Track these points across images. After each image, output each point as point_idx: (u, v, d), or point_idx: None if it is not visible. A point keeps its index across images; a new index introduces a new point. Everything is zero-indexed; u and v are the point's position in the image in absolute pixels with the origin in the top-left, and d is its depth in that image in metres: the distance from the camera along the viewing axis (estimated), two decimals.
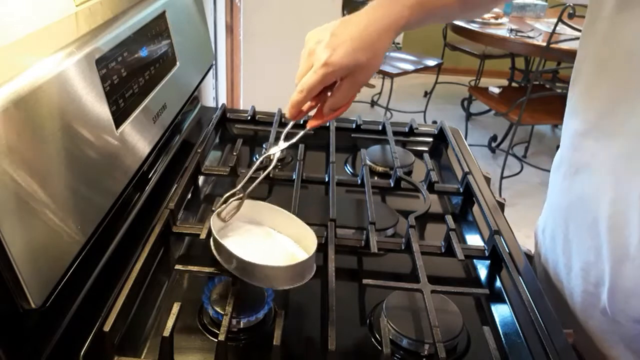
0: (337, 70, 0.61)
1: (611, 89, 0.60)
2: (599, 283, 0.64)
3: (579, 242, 0.66)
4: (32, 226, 0.47)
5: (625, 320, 0.62)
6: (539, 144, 3.32)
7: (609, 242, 0.61)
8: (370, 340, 0.59)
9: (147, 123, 0.73)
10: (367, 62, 0.62)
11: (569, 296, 0.70)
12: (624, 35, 0.57)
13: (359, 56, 0.61)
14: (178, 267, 0.67)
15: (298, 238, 0.63)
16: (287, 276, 0.55)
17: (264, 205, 0.65)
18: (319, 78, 0.62)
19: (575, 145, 0.67)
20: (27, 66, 0.50)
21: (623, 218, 0.59)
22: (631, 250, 0.58)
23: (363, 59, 0.61)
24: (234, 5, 1.95)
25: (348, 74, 0.63)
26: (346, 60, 0.61)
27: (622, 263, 0.60)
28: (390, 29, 0.63)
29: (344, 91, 0.64)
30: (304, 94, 0.63)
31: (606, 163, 0.61)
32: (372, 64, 0.63)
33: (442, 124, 1.04)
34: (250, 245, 0.61)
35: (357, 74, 0.63)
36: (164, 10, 0.81)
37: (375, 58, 0.63)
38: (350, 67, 0.62)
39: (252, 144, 0.99)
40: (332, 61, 0.61)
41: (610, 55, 0.60)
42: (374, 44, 0.62)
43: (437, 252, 0.70)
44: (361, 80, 0.64)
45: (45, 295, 0.48)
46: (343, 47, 0.61)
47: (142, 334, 0.57)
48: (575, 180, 0.67)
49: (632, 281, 0.59)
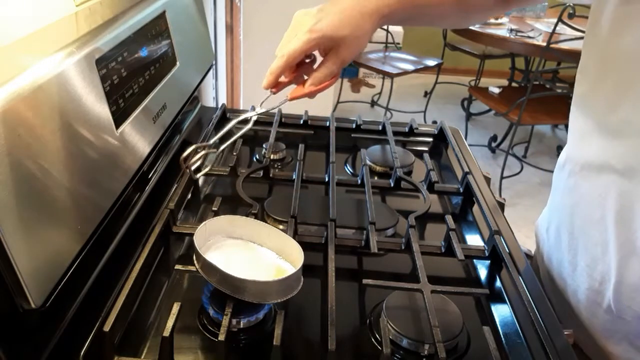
0: (320, 37, 0.64)
1: (615, 86, 0.60)
2: (604, 280, 0.64)
3: (585, 239, 0.67)
4: (32, 226, 0.47)
5: (630, 316, 0.62)
6: (539, 144, 3.32)
7: (616, 237, 0.61)
8: (370, 340, 0.59)
9: (147, 123, 0.73)
10: (350, 37, 0.64)
11: (573, 294, 0.70)
12: (627, 33, 0.58)
13: (343, 29, 0.64)
14: (178, 267, 0.67)
15: (281, 250, 0.63)
16: (278, 290, 0.56)
17: (244, 220, 0.65)
18: (300, 43, 0.64)
19: (580, 144, 0.68)
20: (27, 66, 0.50)
21: (630, 213, 0.59)
22: (638, 244, 0.59)
23: (346, 32, 0.64)
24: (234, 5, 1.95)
25: (332, 47, 0.65)
26: (330, 30, 0.64)
27: (628, 258, 0.60)
28: (375, 13, 0.66)
29: (328, 66, 0.66)
30: (284, 58, 0.65)
31: (612, 160, 0.61)
32: (356, 43, 0.65)
33: (442, 124, 1.04)
34: (235, 260, 0.61)
35: (341, 49, 0.65)
36: (164, 10, 0.81)
37: (358, 37, 0.65)
38: (334, 39, 0.64)
39: (252, 144, 0.99)
40: (316, 28, 0.64)
41: (614, 54, 0.60)
42: (358, 23, 0.65)
43: (437, 252, 0.70)
44: (344, 57, 0.66)
45: (45, 295, 0.48)
46: (327, 18, 0.64)
47: (142, 334, 0.57)
48: (581, 177, 0.67)
49: (638, 276, 0.60)
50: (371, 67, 3.10)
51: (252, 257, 0.63)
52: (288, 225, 0.70)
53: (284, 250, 0.63)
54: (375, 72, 3.32)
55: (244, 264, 0.61)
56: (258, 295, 0.55)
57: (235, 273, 0.54)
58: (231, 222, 0.65)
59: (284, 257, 0.63)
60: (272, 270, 0.61)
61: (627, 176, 0.59)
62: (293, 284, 0.57)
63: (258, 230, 0.65)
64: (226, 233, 0.64)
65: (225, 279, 0.55)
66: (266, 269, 0.61)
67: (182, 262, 0.68)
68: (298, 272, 0.57)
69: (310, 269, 0.62)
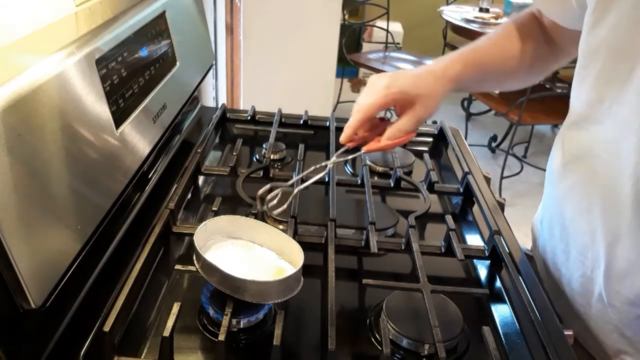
0: (397, 92, 0.67)
1: (597, 79, 0.63)
2: (595, 266, 0.66)
3: (575, 228, 0.69)
4: (32, 226, 0.47)
5: (620, 302, 0.64)
6: (539, 144, 3.32)
7: (602, 224, 0.63)
8: (370, 340, 0.59)
9: (147, 123, 0.73)
10: (424, 95, 0.68)
11: (567, 283, 0.72)
12: (606, 23, 0.60)
13: (418, 88, 0.68)
14: (178, 267, 0.67)
15: (281, 250, 0.63)
16: (278, 290, 0.56)
17: (244, 220, 0.66)
18: (378, 97, 0.67)
19: (568, 136, 0.70)
20: (27, 66, 0.50)
21: (615, 200, 0.61)
22: (623, 231, 0.61)
23: (421, 91, 0.68)
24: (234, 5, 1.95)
25: (407, 104, 0.68)
26: (406, 87, 0.67)
27: (615, 244, 0.62)
28: (442, 76, 0.71)
29: (404, 122, 0.69)
30: (362, 112, 0.68)
31: (596, 149, 0.63)
32: (431, 101, 0.69)
33: (442, 124, 1.04)
34: (235, 260, 0.61)
35: (417, 106, 0.68)
36: (164, 10, 0.81)
37: (432, 96, 0.69)
38: (410, 95, 0.67)
39: (252, 144, 0.99)
40: (392, 84, 0.67)
41: (594, 48, 0.62)
42: (431, 83, 0.69)
43: (437, 252, 0.70)
44: (420, 114, 0.68)
45: (45, 295, 0.48)
46: (403, 78, 0.68)
47: (142, 334, 0.57)
48: (569, 168, 0.69)
49: (625, 261, 0.62)
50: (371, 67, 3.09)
51: (252, 257, 0.63)
52: (288, 225, 0.70)
53: (284, 250, 0.63)
54: (375, 72, 3.32)
55: (244, 264, 0.61)
56: (258, 295, 0.55)
57: (235, 273, 0.54)
58: (231, 222, 0.65)
59: (284, 257, 0.63)
60: (272, 270, 0.61)
61: (611, 164, 0.61)
62: (293, 284, 0.57)
63: (258, 230, 0.65)
64: (226, 233, 0.64)
65: (225, 279, 0.55)
66: (266, 269, 0.61)
67: (182, 262, 0.68)
68: (298, 272, 0.57)
69: (310, 269, 0.62)
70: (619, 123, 0.59)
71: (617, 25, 0.58)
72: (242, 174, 0.82)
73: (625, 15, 0.57)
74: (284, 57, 2.07)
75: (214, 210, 0.72)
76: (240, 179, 0.80)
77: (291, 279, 0.57)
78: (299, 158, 0.87)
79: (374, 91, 0.68)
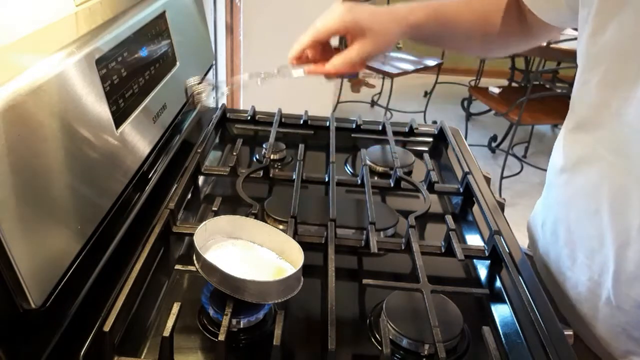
0: (351, 21, 0.68)
1: (602, 83, 0.62)
2: (603, 270, 0.65)
3: (582, 232, 0.68)
4: (32, 226, 0.47)
5: (628, 306, 0.63)
6: (539, 144, 3.32)
7: (611, 228, 0.62)
8: (370, 340, 0.59)
9: (147, 123, 0.73)
10: (378, 32, 0.68)
11: (573, 287, 0.71)
12: (609, 28, 0.59)
13: (373, 23, 0.68)
14: (178, 267, 0.67)
15: (281, 250, 0.63)
16: (278, 290, 0.56)
17: (244, 220, 0.65)
18: (332, 22, 0.68)
19: (570, 139, 0.70)
20: (27, 66, 0.50)
21: (624, 202, 0.60)
22: (633, 234, 0.60)
23: (375, 27, 0.68)
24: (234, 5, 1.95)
25: (358, 36, 0.68)
26: (360, 19, 0.68)
27: (625, 247, 0.61)
28: (402, 19, 0.70)
29: (349, 52, 0.69)
30: (312, 34, 0.69)
31: (603, 153, 0.63)
32: (382, 39, 0.69)
33: (442, 124, 1.04)
34: (235, 260, 0.61)
35: (367, 40, 0.68)
36: (164, 10, 0.81)
37: (385, 35, 0.69)
38: (363, 28, 0.67)
39: (252, 144, 0.99)
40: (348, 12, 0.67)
41: (599, 50, 0.62)
42: (387, 23, 0.69)
43: (437, 252, 0.70)
44: (368, 49, 0.68)
45: (45, 295, 0.48)
46: (361, 10, 0.68)
47: (142, 334, 0.57)
48: (574, 173, 0.68)
49: (635, 264, 0.61)
50: (371, 67, 3.09)
51: (252, 257, 0.63)
52: (288, 225, 0.70)
53: (284, 250, 0.63)
54: (375, 72, 3.32)
55: (244, 264, 0.61)
56: (258, 295, 0.55)
57: (235, 273, 0.54)
58: (231, 222, 0.65)
59: (284, 257, 0.63)
60: (272, 270, 0.61)
61: (619, 167, 0.60)
62: (293, 284, 0.57)
63: (258, 230, 0.65)
64: (226, 233, 0.64)
65: (225, 279, 0.55)
66: (266, 269, 0.61)
67: (182, 262, 0.68)
68: (298, 272, 0.57)
69: (310, 269, 0.62)
70: (626, 126, 0.59)
71: (622, 29, 0.58)
72: (242, 174, 0.82)
73: (631, 19, 0.56)
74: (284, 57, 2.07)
75: (214, 210, 0.72)
76: (240, 179, 0.80)
77: (291, 279, 0.57)
78: (299, 158, 0.87)
79: (331, 17, 0.69)
